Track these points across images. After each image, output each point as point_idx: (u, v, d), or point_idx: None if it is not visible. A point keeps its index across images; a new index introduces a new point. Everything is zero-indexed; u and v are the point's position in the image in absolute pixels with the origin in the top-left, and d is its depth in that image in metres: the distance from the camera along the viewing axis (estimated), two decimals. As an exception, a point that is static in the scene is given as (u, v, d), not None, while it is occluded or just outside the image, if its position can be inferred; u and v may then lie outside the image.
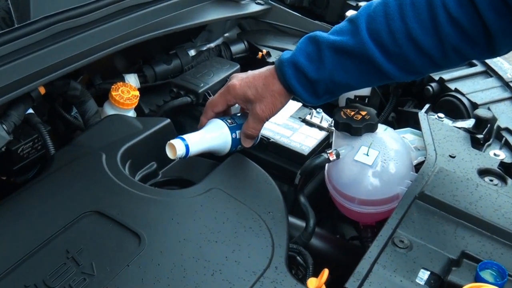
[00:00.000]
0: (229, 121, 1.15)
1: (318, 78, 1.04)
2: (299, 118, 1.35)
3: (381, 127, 1.16)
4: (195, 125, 1.19)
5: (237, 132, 1.14)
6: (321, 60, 1.03)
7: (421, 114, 1.27)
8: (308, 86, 1.06)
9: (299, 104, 1.40)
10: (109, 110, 1.34)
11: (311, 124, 1.33)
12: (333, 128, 1.23)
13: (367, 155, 1.09)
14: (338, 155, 1.09)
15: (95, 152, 1.11)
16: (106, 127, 1.20)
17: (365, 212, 1.10)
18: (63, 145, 1.17)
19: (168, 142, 1.07)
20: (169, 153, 1.07)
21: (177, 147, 1.06)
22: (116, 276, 0.87)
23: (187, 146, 1.07)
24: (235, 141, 1.14)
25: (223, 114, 1.17)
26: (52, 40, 1.19)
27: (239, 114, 1.19)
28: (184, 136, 1.08)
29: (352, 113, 1.14)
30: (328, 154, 1.09)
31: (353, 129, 1.11)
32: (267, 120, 1.12)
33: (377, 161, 1.08)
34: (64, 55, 1.19)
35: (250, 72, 1.13)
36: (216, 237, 0.95)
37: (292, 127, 1.31)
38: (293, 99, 1.32)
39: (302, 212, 1.08)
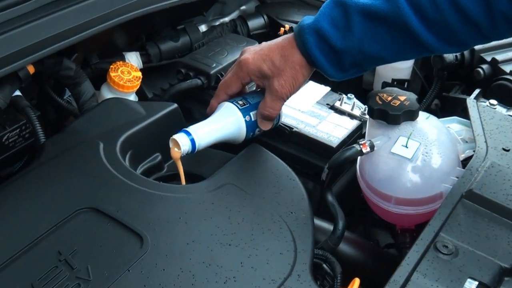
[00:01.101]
0: (240, 102, 1.15)
1: (344, 47, 1.04)
2: (327, 104, 1.36)
3: (422, 115, 1.16)
4: (206, 111, 1.19)
5: (252, 113, 1.15)
6: (349, 26, 1.03)
7: (470, 101, 1.27)
8: (333, 56, 1.06)
9: (327, 89, 1.40)
10: (107, 94, 1.36)
11: (341, 112, 1.33)
12: (366, 116, 1.24)
13: (406, 147, 1.09)
14: (372, 147, 1.10)
15: (91, 140, 1.12)
16: (104, 113, 1.21)
17: (403, 214, 1.10)
18: (54, 133, 1.19)
19: (171, 137, 1.07)
20: (173, 150, 1.08)
21: (181, 143, 1.06)
22: (115, 282, 0.88)
23: (193, 141, 1.07)
24: (251, 125, 1.15)
25: (238, 94, 1.18)
26: (43, 12, 1.20)
27: (253, 90, 1.19)
28: (189, 129, 1.09)
29: (389, 98, 1.14)
30: (361, 146, 1.09)
31: (390, 116, 1.11)
32: (288, 97, 1.12)
33: (418, 154, 1.08)
34: (56, 29, 1.20)
35: (264, 44, 1.13)
36: (229, 240, 0.96)
37: (319, 115, 1.32)
38: (313, 79, 1.32)
39: (329, 213, 1.09)
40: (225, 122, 1.13)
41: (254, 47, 1.14)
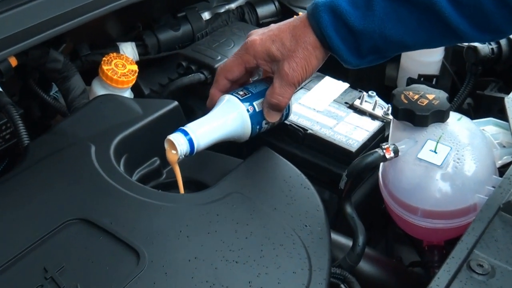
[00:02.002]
0: (241, 92, 1.15)
1: (363, 29, 1.04)
2: (346, 103, 1.35)
3: (453, 116, 1.16)
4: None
5: (255, 103, 1.14)
6: (370, 5, 1.03)
7: (509, 100, 1.26)
8: (350, 39, 1.06)
9: (346, 85, 1.40)
10: (99, 89, 1.36)
11: (361, 112, 1.33)
12: (390, 116, 1.24)
13: (435, 152, 1.09)
14: (396, 152, 1.09)
15: (81, 142, 1.12)
16: (96, 111, 1.22)
17: (431, 228, 1.10)
18: (39, 134, 1.19)
19: (166, 138, 1.07)
20: (169, 152, 1.08)
21: (177, 143, 1.06)
22: (108, 303, 0.88)
23: (191, 141, 1.07)
24: (255, 117, 1.14)
25: (242, 84, 1.17)
26: (27, -3, 1.21)
27: (256, 80, 1.19)
28: (186, 128, 1.09)
29: (416, 96, 1.14)
30: (384, 150, 1.09)
31: (417, 117, 1.11)
32: (299, 83, 1.11)
33: (448, 160, 1.08)
34: (42, 16, 1.20)
35: (273, 25, 1.13)
36: (236, 256, 0.96)
37: (336, 115, 1.32)
38: (330, 74, 1.31)
39: (348, 227, 1.09)
40: (227, 118, 1.13)
41: (262, 29, 1.14)
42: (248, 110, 1.13)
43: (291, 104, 1.19)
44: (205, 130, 1.10)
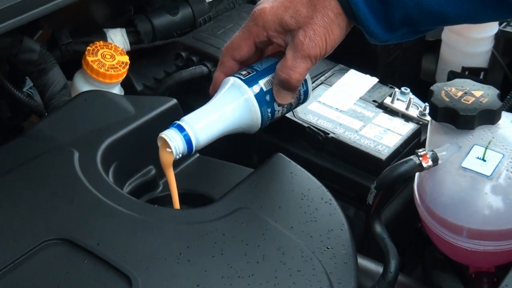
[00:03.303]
0: (243, 72, 1.12)
1: None
2: (374, 101, 1.36)
3: (506, 117, 1.16)
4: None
5: (262, 81, 1.11)
6: None
7: None
8: (380, 7, 1.03)
9: (374, 80, 1.40)
10: (82, 85, 1.37)
11: (392, 112, 1.33)
12: (427, 117, 1.24)
13: (484, 160, 1.09)
14: (435, 160, 1.09)
15: (62, 148, 1.13)
16: (79, 111, 1.22)
17: (478, 251, 1.10)
18: (11, 137, 1.19)
19: (159, 135, 1.06)
20: (163, 151, 1.07)
21: (170, 141, 1.05)
22: None
23: (187, 137, 1.06)
24: (264, 99, 1.11)
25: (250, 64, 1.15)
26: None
27: (264, 57, 1.17)
28: (182, 122, 1.07)
29: (460, 93, 1.14)
30: (420, 158, 1.09)
31: (461, 118, 1.11)
32: (318, 57, 1.07)
33: (500, 169, 1.08)
34: (15, -3, 1.21)
35: None
36: (246, 284, 0.96)
37: (363, 116, 1.32)
38: (354, 67, 1.31)
39: (377, 250, 1.09)
40: (229, 105, 1.10)
41: None
42: (253, 91, 1.11)
43: (309, 84, 1.16)
44: (204, 123, 1.08)
